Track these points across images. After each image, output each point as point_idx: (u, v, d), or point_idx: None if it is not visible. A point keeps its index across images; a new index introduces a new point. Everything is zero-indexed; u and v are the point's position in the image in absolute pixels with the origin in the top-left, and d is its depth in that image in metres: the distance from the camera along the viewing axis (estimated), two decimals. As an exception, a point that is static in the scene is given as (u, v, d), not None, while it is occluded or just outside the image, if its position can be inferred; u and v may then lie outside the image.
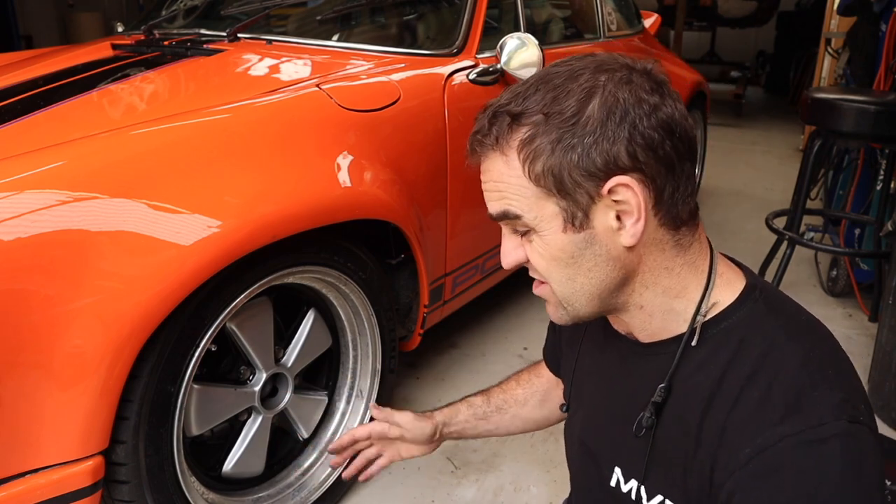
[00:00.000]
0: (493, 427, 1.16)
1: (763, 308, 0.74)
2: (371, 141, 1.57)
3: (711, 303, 0.75)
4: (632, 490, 0.80)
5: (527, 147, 0.70)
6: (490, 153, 0.73)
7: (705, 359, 0.73)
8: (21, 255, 1.02)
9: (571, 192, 0.70)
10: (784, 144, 5.71)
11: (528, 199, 0.72)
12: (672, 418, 0.75)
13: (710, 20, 8.14)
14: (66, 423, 1.09)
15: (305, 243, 1.40)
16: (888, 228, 2.24)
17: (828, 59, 4.47)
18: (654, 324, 0.77)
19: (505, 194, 0.73)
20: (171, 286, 1.13)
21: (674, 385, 0.75)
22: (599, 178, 0.69)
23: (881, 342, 2.05)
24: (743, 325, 0.73)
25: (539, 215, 0.72)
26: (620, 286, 0.75)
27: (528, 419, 1.16)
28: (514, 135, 0.71)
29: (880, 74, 2.84)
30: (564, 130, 0.68)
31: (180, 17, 2.34)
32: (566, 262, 0.73)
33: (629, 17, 3.30)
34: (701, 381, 0.73)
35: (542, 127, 0.69)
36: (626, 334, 0.83)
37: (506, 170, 0.72)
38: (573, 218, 0.71)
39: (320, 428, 1.67)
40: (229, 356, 1.46)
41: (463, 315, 2.36)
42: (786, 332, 0.72)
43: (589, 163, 0.68)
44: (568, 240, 0.72)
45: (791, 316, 0.75)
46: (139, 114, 1.49)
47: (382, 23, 2.35)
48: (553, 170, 0.69)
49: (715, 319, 0.74)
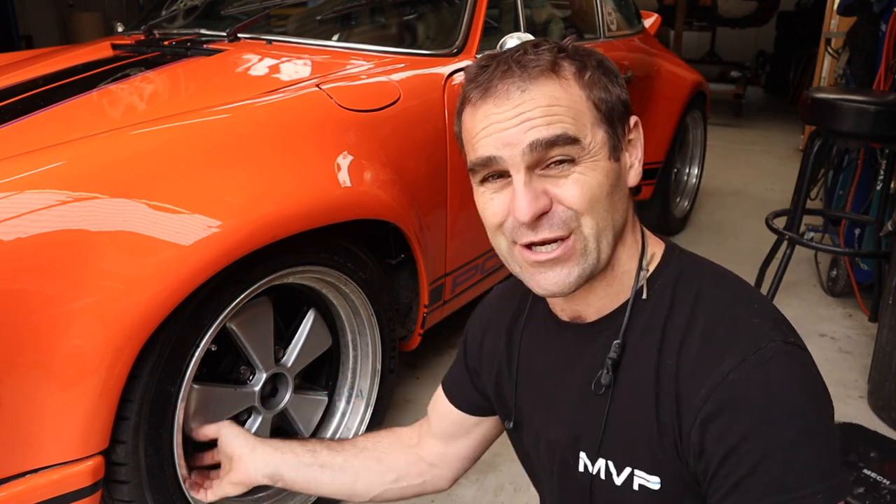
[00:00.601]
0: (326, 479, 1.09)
1: (686, 262, 0.81)
2: (371, 141, 1.57)
3: (650, 254, 0.81)
4: (600, 470, 0.80)
5: (582, 75, 0.74)
6: (542, 80, 0.73)
7: (650, 315, 0.77)
8: (21, 255, 1.02)
9: (616, 121, 0.76)
10: (784, 144, 5.71)
11: (585, 124, 0.73)
12: (629, 381, 0.77)
13: (710, 20, 8.14)
14: (66, 423, 1.09)
15: (305, 243, 1.40)
16: (888, 228, 2.25)
17: (828, 59, 4.47)
18: (612, 289, 0.80)
19: (563, 118, 0.72)
20: (171, 286, 1.13)
21: (627, 344, 0.78)
22: (628, 113, 0.78)
23: (881, 342, 2.05)
24: (672, 280, 0.78)
25: (593, 140, 0.74)
26: (621, 234, 0.79)
27: (390, 463, 1.10)
28: (566, 64, 0.74)
29: (880, 74, 2.84)
30: (605, 68, 0.77)
31: (180, 17, 2.34)
32: (608, 191, 0.74)
33: (629, 16, 3.30)
34: (649, 340, 0.76)
35: (588, 61, 0.75)
36: (573, 319, 0.84)
37: (563, 94, 0.73)
38: (615, 147, 0.76)
39: (320, 428, 1.67)
40: (229, 356, 1.46)
41: (463, 315, 2.36)
42: (710, 279, 0.78)
43: (624, 97, 0.77)
44: (611, 167, 0.75)
45: (709, 266, 0.82)
46: (139, 114, 1.49)
47: (382, 23, 2.35)
48: (606, 98, 0.75)
49: (653, 276, 0.79)
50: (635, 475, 0.77)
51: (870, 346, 2.32)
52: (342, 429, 1.68)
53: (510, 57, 0.74)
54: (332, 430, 1.67)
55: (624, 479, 0.78)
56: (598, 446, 0.80)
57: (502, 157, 0.73)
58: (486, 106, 0.74)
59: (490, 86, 0.73)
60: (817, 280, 3.00)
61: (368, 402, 1.69)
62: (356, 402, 1.70)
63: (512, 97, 0.72)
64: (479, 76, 0.74)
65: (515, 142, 0.72)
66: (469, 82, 0.76)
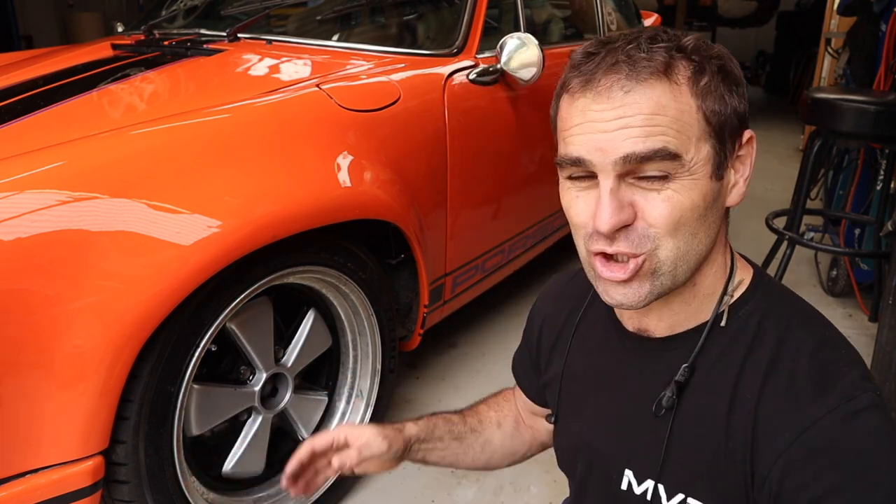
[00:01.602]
0: (463, 452, 1.02)
1: (775, 296, 0.76)
2: (371, 141, 1.57)
3: (737, 280, 0.76)
4: (647, 491, 0.77)
5: (698, 82, 0.67)
6: (652, 82, 0.65)
7: (728, 345, 0.73)
8: (21, 255, 1.02)
9: (727, 136, 0.69)
10: (784, 144, 5.70)
11: (689, 138, 0.66)
12: (694, 407, 0.74)
13: (710, 20, 8.14)
14: (66, 423, 1.09)
15: (305, 243, 1.40)
16: (888, 228, 2.24)
17: (828, 59, 4.47)
18: (689, 308, 0.75)
19: (665, 129, 0.65)
20: (171, 286, 1.13)
21: (696, 368, 0.74)
22: (743, 127, 0.71)
23: (881, 342, 2.05)
24: (759, 312, 0.74)
25: (696, 157, 0.67)
26: (707, 254, 0.72)
27: (499, 448, 1.05)
28: (682, 65, 0.67)
29: (880, 74, 2.84)
30: (725, 74, 0.69)
31: (180, 17, 2.34)
32: (701, 213, 0.68)
33: (629, 17, 3.30)
34: (723, 369, 0.73)
35: (708, 65, 0.68)
36: (638, 331, 0.80)
37: (672, 102, 0.65)
38: (719, 165, 0.69)
39: (320, 428, 1.67)
40: (229, 356, 1.46)
41: (463, 315, 2.37)
42: (797, 320, 0.73)
43: (742, 109, 0.70)
44: (710, 187, 0.68)
45: (797, 302, 0.77)
46: (139, 114, 1.49)
47: (382, 23, 2.35)
48: (720, 110, 0.68)
49: (737, 304, 0.75)
50: (688, 503, 0.74)
51: (870, 346, 2.32)
52: (342, 429, 1.68)
53: (621, 48, 0.67)
54: (332, 430, 1.67)
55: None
56: (651, 469, 0.77)
57: (593, 161, 0.67)
58: (585, 100, 0.67)
59: (593, 78, 0.67)
60: (817, 280, 3.00)
61: (368, 402, 1.69)
62: (356, 402, 1.70)
63: (613, 97, 0.65)
64: (585, 64, 0.68)
65: (609, 149, 0.65)
66: (572, 68, 0.69)
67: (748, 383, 0.71)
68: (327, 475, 0.92)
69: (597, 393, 0.86)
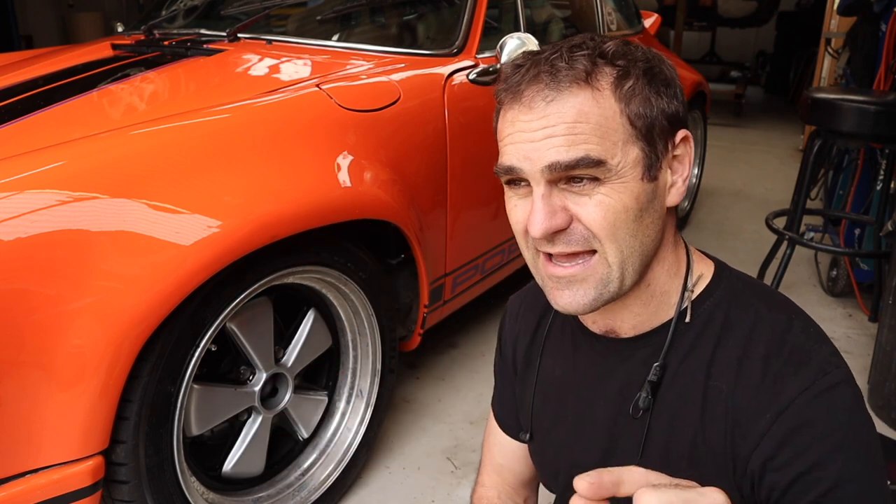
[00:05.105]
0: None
1: (738, 286, 0.77)
2: (371, 141, 1.57)
3: (696, 276, 0.77)
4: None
5: (622, 86, 0.68)
6: (574, 90, 0.67)
7: (696, 339, 0.75)
8: (21, 255, 1.02)
9: (656, 137, 0.70)
10: (784, 144, 5.70)
11: (615, 142, 0.67)
12: (668, 404, 0.75)
13: (710, 20, 8.13)
14: (66, 423, 1.09)
15: (305, 243, 1.40)
16: (888, 228, 2.24)
17: (828, 59, 4.47)
18: (648, 309, 0.77)
19: (588, 137, 0.66)
20: (171, 286, 1.13)
21: (668, 366, 0.75)
22: (675, 127, 0.72)
23: (881, 342, 2.05)
24: (724, 303, 0.75)
25: (623, 160, 0.67)
26: (654, 254, 0.74)
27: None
28: (605, 72, 0.68)
29: (880, 74, 2.84)
30: (651, 76, 0.70)
31: (180, 17, 2.34)
32: (636, 214, 0.69)
33: (629, 16, 3.30)
34: (694, 364, 0.74)
35: (633, 68, 0.69)
36: (605, 333, 0.81)
37: (595, 108, 0.67)
38: (650, 167, 0.70)
39: (320, 428, 1.67)
40: (229, 356, 1.46)
41: (463, 315, 2.36)
42: (764, 305, 0.75)
43: (671, 110, 0.71)
44: (642, 189, 0.69)
45: (761, 289, 0.79)
46: (139, 114, 1.49)
47: (382, 23, 2.35)
48: (647, 112, 0.69)
49: (699, 298, 0.76)
50: None
51: (870, 346, 2.32)
52: (342, 429, 1.68)
53: (545, 59, 0.68)
54: (332, 430, 1.67)
55: None
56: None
57: (523, 169, 0.69)
58: (513, 111, 0.70)
59: (518, 90, 0.69)
60: (817, 280, 3.00)
61: (368, 402, 1.69)
62: (356, 402, 1.70)
63: (536, 107, 0.67)
64: (512, 77, 0.70)
65: (536, 158, 0.67)
66: (503, 81, 0.72)
67: (720, 374, 0.72)
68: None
69: (573, 400, 0.86)
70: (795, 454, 0.67)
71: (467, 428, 1.96)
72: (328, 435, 1.67)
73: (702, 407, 0.72)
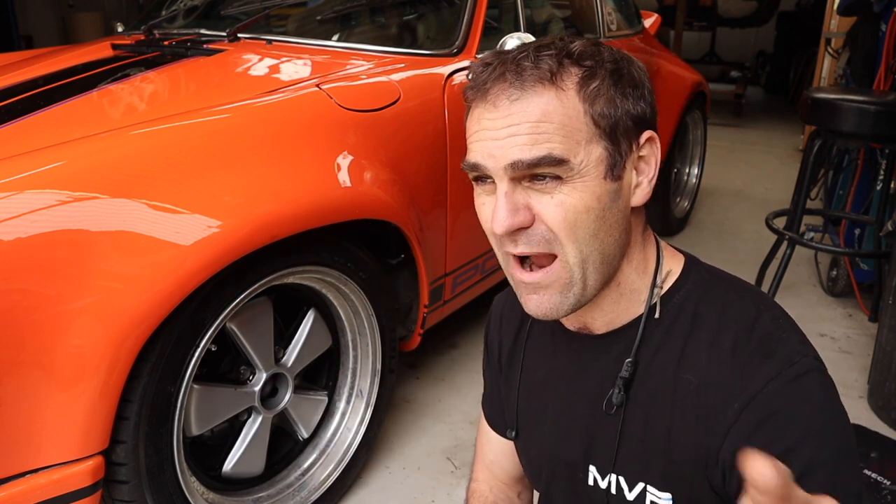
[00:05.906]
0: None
1: (708, 277, 0.78)
2: (371, 141, 1.57)
3: (665, 272, 0.78)
4: (611, 485, 0.79)
5: (587, 86, 0.69)
6: (538, 89, 0.67)
7: (666, 333, 0.75)
8: (21, 255, 1.02)
9: (620, 137, 0.70)
10: (784, 144, 5.70)
11: (578, 141, 0.68)
12: (641, 399, 0.76)
13: (710, 20, 8.13)
14: (66, 423, 1.09)
15: (305, 243, 1.40)
16: (888, 228, 2.24)
17: (828, 59, 4.47)
18: (619, 306, 0.78)
19: (551, 136, 0.67)
20: (171, 286, 1.13)
21: (640, 362, 0.76)
22: (640, 128, 0.72)
23: (881, 342, 2.05)
24: (694, 297, 0.76)
25: (586, 159, 0.68)
26: (619, 254, 0.75)
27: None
28: (570, 72, 0.69)
29: (880, 74, 2.84)
30: (617, 77, 0.70)
31: (180, 17, 2.34)
32: (597, 214, 0.69)
33: (629, 16, 3.30)
34: (664, 358, 0.75)
35: (599, 69, 0.69)
36: (579, 330, 0.82)
37: (557, 108, 0.67)
38: (614, 166, 0.70)
39: (320, 428, 1.67)
40: (229, 356, 1.46)
41: (463, 315, 2.36)
42: (734, 295, 0.76)
43: (637, 111, 0.71)
44: (605, 188, 0.70)
45: (730, 280, 0.79)
46: (139, 114, 1.49)
47: (382, 23, 2.35)
48: (611, 112, 0.69)
49: (669, 293, 0.77)
50: (648, 491, 0.76)
51: (870, 346, 2.32)
52: (342, 429, 1.68)
53: (512, 58, 0.69)
54: (332, 430, 1.67)
55: (636, 495, 0.77)
56: (610, 463, 0.78)
57: (487, 166, 0.70)
58: (479, 109, 0.71)
59: (484, 88, 0.70)
60: (817, 280, 3.00)
61: (368, 402, 1.69)
62: (356, 402, 1.70)
63: (501, 105, 0.68)
64: (479, 76, 0.71)
65: (500, 156, 0.68)
66: (470, 80, 0.73)
67: (691, 366, 0.73)
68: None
69: (555, 397, 0.87)
70: (764, 444, 0.66)
71: (467, 428, 1.96)
72: (328, 435, 1.67)
73: (672, 400, 0.73)
